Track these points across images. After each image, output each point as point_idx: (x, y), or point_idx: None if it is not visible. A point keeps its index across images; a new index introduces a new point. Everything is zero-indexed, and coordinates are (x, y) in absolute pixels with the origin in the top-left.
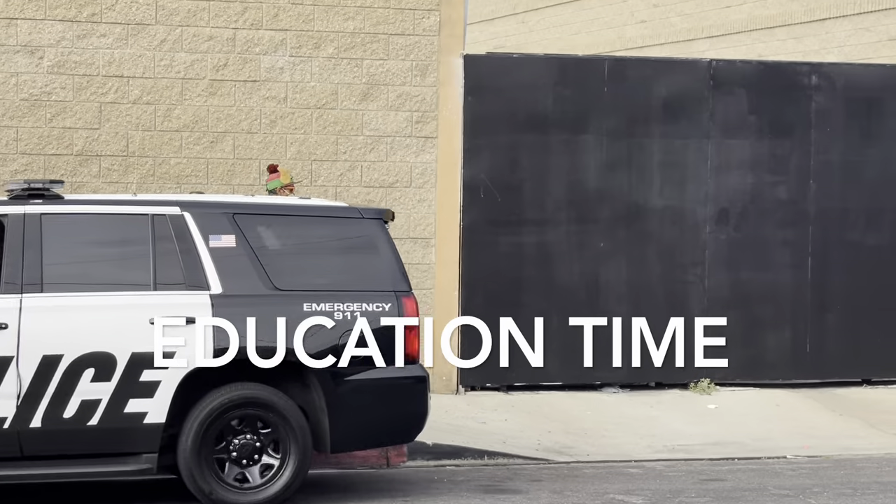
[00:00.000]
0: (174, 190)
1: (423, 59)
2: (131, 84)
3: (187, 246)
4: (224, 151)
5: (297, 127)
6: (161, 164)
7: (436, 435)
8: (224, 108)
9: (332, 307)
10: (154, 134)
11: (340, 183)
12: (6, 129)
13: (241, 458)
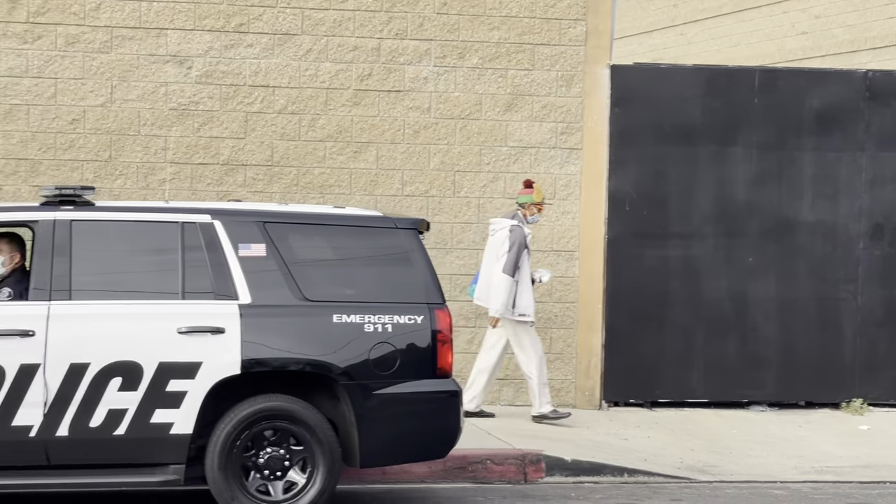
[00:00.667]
0: (318, 200)
1: (569, 70)
2: (277, 94)
3: (217, 254)
4: (367, 161)
5: (440, 137)
6: (305, 174)
7: (575, 451)
8: (368, 119)
9: (363, 319)
10: (298, 144)
11: (483, 194)
12: (155, 138)
13: (268, 471)
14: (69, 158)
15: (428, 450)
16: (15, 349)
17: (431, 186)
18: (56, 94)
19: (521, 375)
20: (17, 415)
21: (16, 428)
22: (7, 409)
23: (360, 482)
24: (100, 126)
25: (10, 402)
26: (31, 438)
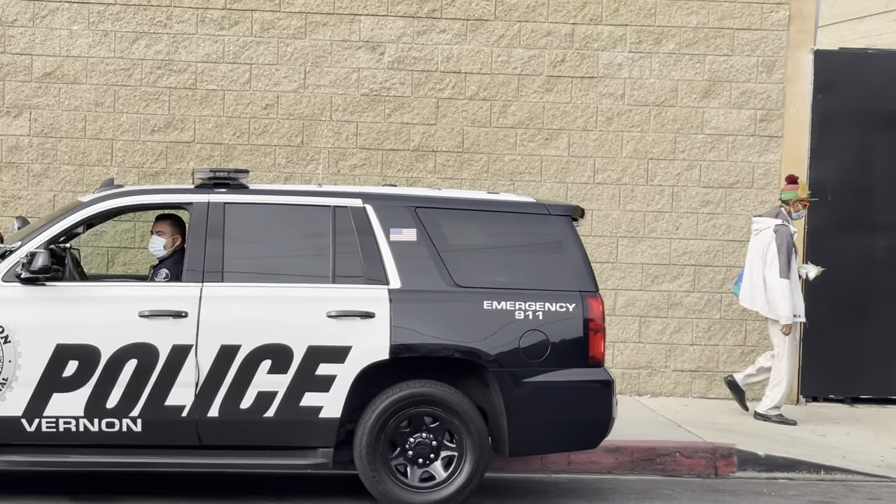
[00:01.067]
0: (507, 188)
1: (770, 55)
2: (468, 80)
3: (368, 239)
4: (559, 149)
5: (633, 125)
6: (495, 161)
7: (769, 446)
8: (560, 105)
9: (514, 306)
10: (489, 130)
11: (677, 182)
12: (346, 124)
13: (416, 457)
14: (262, 143)
15: (579, 440)
16: (168, 330)
17: (624, 174)
18: (251, 79)
19: (714, 367)
20: (170, 395)
21: (169, 408)
22: (160, 389)
23: (543, 471)
24: (292, 111)
25: (163, 382)
26: (183, 418)
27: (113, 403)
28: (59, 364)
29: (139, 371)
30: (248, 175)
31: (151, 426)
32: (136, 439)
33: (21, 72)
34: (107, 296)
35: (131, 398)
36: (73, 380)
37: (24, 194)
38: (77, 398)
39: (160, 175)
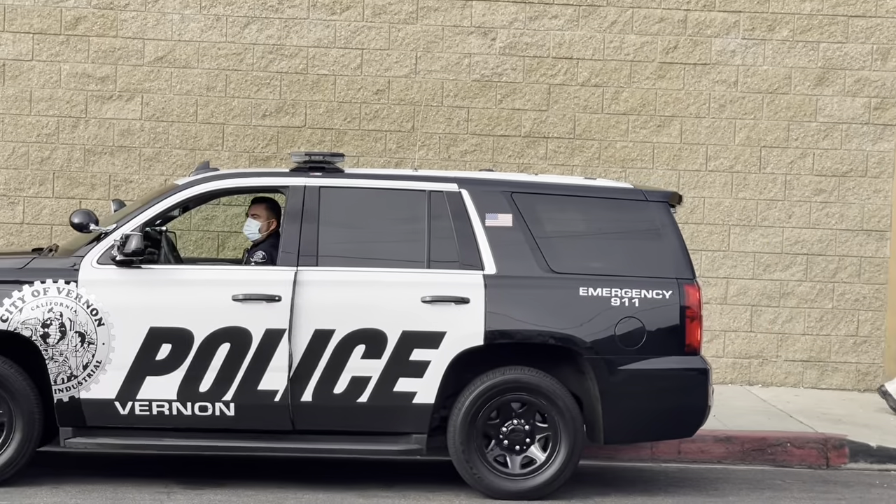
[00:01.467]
0: (618, 175)
1: (885, 43)
2: (580, 66)
3: (463, 224)
4: (671, 136)
5: (746, 112)
6: (607, 148)
7: (881, 437)
8: (672, 92)
9: (610, 292)
10: (601, 117)
11: (790, 170)
12: (458, 110)
13: (510, 444)
14: (373, 129)
15: (674, 428)
16: (261, 314)
17: (736, 162)
18: (362, 64)
19: (825, 358)
20: (263, 379)
21: (261, 392)
22: (253, 374)
23: (653, 460)
24: (403, 97)
25: (256, 367)
26: (275, 403)
27: (206, 387)
28: (153, 347)
29: (232, 355)
30: (343, 159)
31: (244, 410)
32: (228, 423)
33: (133, 56)
34: (200, 279)
35: (224, 382)
36: (166, 363)
37: (136, 178)
38: (170, 382)
39: (271, 160)
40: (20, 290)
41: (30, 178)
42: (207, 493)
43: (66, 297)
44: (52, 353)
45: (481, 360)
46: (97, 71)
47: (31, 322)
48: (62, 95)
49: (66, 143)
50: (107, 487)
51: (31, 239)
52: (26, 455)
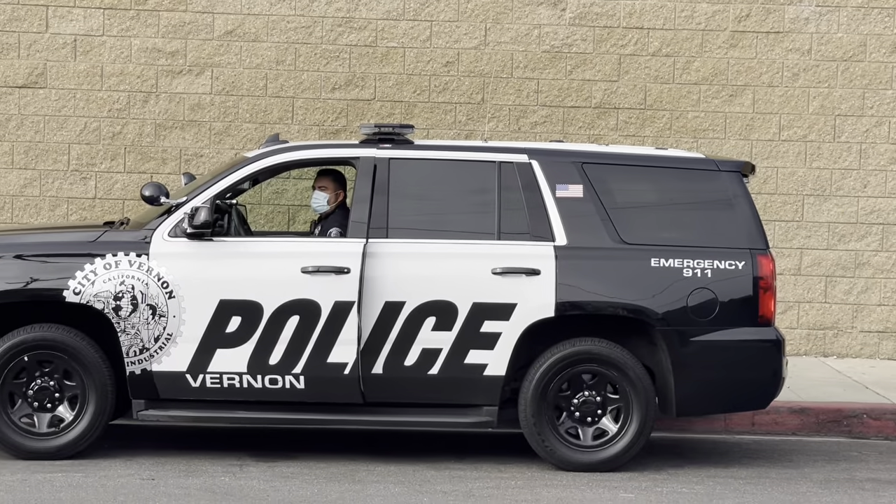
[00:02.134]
0: (690, 146)
1: None
2: (651, 36)
3: (533, 195)
4: (743, 105)
5: (820, 80)
6: (678, 118)
7: None
8: (744, 61)
9: (682, 263)
10: (672, 87)
11: (865, 139)
12: (527, 81)
13: (581, 416)
14: (443, 101)
15: (747, 400)
16: (330, 286)
17: (810, 131)
18: (431, 36)
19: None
20: (333, 352)
21: (331, 365)
22: (323, 347)
23: (727, 432)
24: (473, 69)
25: (325, 339)
26: (345, 375)
27: (276, 360)
28: (223, 320)
29: (301, 328)
30: (412, 130)
31: (314, 383)
32: (298, 396)
33: (203, 30)
34: (270, 251)
35: (294, 355)
36: (235, 336)
37: (206, 152)
38: (240, 354)
39: (341, 133)
40: (92, 264)
41: (102, 153)
42: (280, 465)
43: (138, 269)
44: (124, 325)
45: (552, 331)
46: (167, 45)
47: (103, 295)
48: (133, 70)
49: (137, 117)
50: (180, 460)
51: (104, 213)
52: (99, 427)
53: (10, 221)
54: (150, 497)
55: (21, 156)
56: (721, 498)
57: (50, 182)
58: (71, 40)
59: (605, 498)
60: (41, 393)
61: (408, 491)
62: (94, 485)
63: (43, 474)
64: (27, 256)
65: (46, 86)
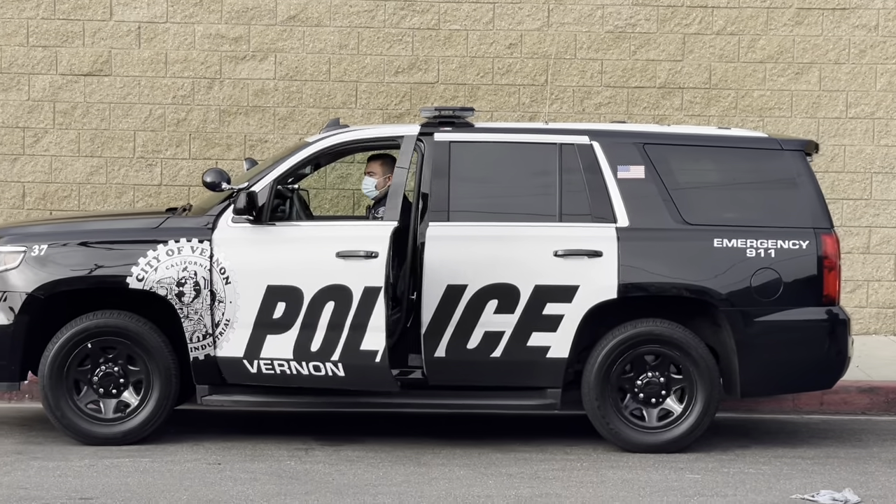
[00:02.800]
0: (756, 124)
1: None
2: (715, 14)
3: (595, 176)
4: (809, 83)
5: (888, 56)
6: (744, 97)
7: None
8: (810, 38)
9: (745, 243)
10: (737, 66)
11: None
12: (591, 62)
13: (644, 397)
14: (506, 83)
15: (812, 380)
16: (360, 271)
17: (878, 108)
18: (494, 18)
19: None
20: (364, 340)
21: (364, 353)
22: (355, 334)
23: (795, 412)
24: (536, 50)
25: (357, 326)
26: (376, 364)
27: (316, 347)
28: (270, 305)
29: (336, 314)
30: (473, 113)
31: (351, 371)
32: (339, 383)
33: (266, 15)
34: (310, 236)
35: (331, 342)
36: (281, 322)
37: (270, 138)
38: (286, 340)
39: (404, 116)
40: (155, 250)
41: (166, 140)
42: (345, 448)
43: (200, 255)
44: (187, 311)
45: (615, 313)
46: (230, 31)
47: (166, 281)
48: (196, 57)
49: (201, 104)
50: (245, 444)
51: (169, 200)
52: (165, 412)
53: (76, 209)
54: (216, 481)
55: (87, 143)
56: (788, 478)
57: (116, 169)
58: (135, 28)
59: (671, 479)
60: (106, 379)
61: (473, 473)
62: (161, 469)
63: (110, 459)
64: (92, 243)
65: (111, 73)
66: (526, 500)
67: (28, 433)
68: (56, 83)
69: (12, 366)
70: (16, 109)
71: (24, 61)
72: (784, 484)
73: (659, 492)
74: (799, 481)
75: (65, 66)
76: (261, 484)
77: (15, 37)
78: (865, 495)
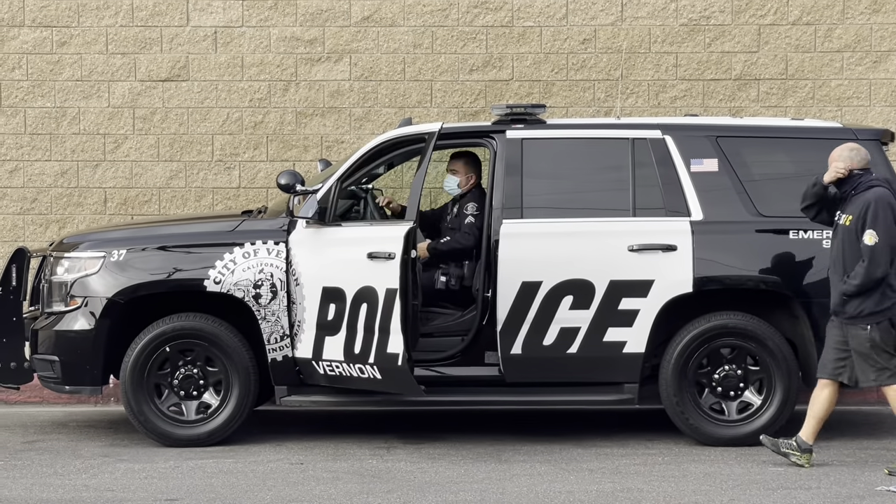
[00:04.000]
0: (834, 114)
1: None
2: (790, 4)
3: (668, 170)
4: (888, 71)
5: None
6: (821, 87)
7: None
8: (888, 26)
9: (822, 234)
10: (814, 55)
11: None
12: (665, 56)
13: (723, 390)
14: (581, 79)
15: None
16: (382, 272)
17: None
18: (567, 14)
19: None
20: (390, 342)
21: (389, 355)
22: (382, 335)
23: (879, 403)
24: (610, 45)
25: (383, 327)
26: (398, 367)
27: (358, 349)
28: (325, 307)
29: (368, 316)
30: (545, 110)
31: (383, 373)
32: (377, 386)
33: (340, 17)
34: (351, 237)
35: (367, 344)
36: (332, 323)
37: (347, 138)
38: (337, 343)
39: (480, 114)
40: (231, 253)
41: (244, 143)
42: (426, 446)
43: (276, 257)
44: (265, 313)
45: (691, 307)
46: (305, 34)
47: (242, 283)
48: (272, 60)
49: (277, 106)
50: (328, 444)
51: (248, 202)
52: (245, 410)
53: (157, 213)
54: (299, 481)
55: (166, 148)
56: (873, 470)
57: (195, 173)
58: (211, 32)
59: (753, 472)
60: (186, 381)
61: (554, 469)
62: (245, 470)
63: (195, 461)
64: (170, 247)
65: (189, 78)
66: (608, 496)
67: (114, 436)
68: (135, 89)
69: (94, 370)
70: (96, 116)
71: (104, 69)
72: (868, 476)
73: (741, 485)
74: (883, 473)
75: (143, 73)
76: (343, 483)
77: (95, 45)
78: None
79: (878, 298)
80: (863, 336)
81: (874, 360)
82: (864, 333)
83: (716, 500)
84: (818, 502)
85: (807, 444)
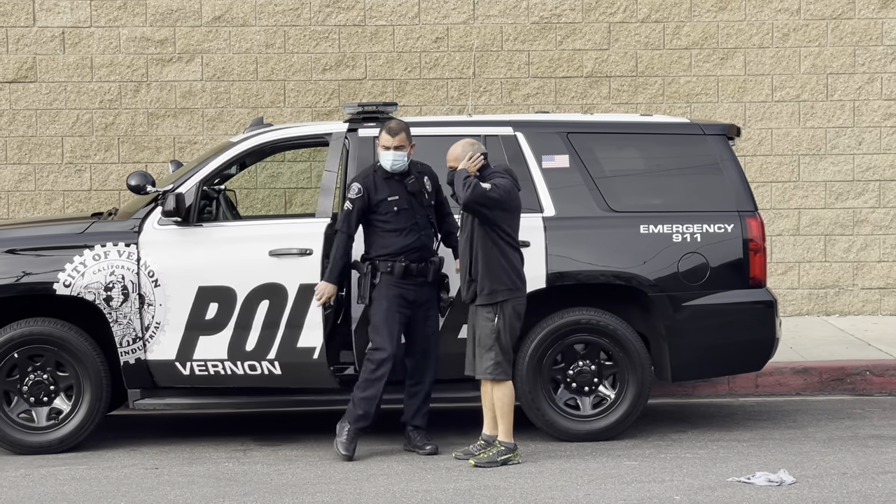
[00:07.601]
0: (683, 110)
1: None
2: (639, 3)
3: (520, 167)
4: (734, 68)
5: (810, 39)
6: (670, 84)
7: None
8: (734, 24)
9: (672, 229)
10: (663, 53)
11: (858, 96)
12: (517, 54)
13: (577, 386)
14: (434, 77)
15: (742, 362)
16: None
17: (803, 91)
18: (419, 13)
19: None
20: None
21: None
22: (291, 331)
23: (730, 395)
24: (463, 43)
25: (293, 324)
26: (314, 360)
27: (251, 346)
28: (202, 306)
29: (271, 312)
30: (396, 108)
31: (288, 368)
32: (276, 382)
33: (191, 17)
34: (244, 235)
35: (266, 341)
36: (214, 322)
37: (200, 139)
38: (220, 341)
39: (333, 114)
40: (81, 255)
41: (95, 145)
42: (283, 448)
43: (127, 259)
44: (116, 315)
45: (545, 303)
46: (156, 34)
47: (93, 286)
48: (122, 60)
49: (129, 107)
50: (183, 447)
51: (100, 205)
52: (98, 415)
53: (6, 217)
54: (154, 486)
55: (14, 151)
56: (724, 461)
57: (45, 176)
58: (59, 33)
59: (608, 466)
60: (36, 387)
61: (411, 468)
62: (98, 476)
63: (46, 468)
64: (19, 251)
65: (37, 79)
66: (465, 493)
67: None
68: None
69: None
70: None
71: None
72: (720, 467)
73: (597, 479)
74: (735, 464)
75: None
76: (199, 487)
77: None
78: (801, 475)
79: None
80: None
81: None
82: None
83: (571, 496)
84: (672, 494)
85: (509, 443)
